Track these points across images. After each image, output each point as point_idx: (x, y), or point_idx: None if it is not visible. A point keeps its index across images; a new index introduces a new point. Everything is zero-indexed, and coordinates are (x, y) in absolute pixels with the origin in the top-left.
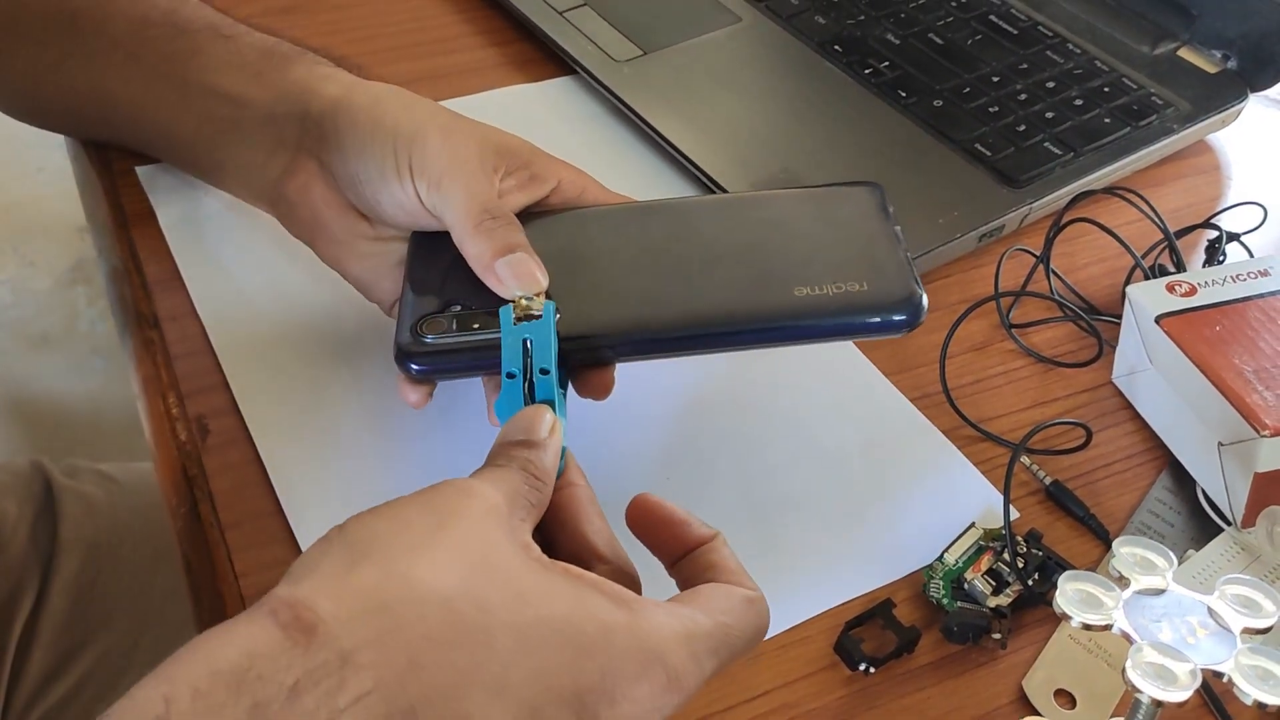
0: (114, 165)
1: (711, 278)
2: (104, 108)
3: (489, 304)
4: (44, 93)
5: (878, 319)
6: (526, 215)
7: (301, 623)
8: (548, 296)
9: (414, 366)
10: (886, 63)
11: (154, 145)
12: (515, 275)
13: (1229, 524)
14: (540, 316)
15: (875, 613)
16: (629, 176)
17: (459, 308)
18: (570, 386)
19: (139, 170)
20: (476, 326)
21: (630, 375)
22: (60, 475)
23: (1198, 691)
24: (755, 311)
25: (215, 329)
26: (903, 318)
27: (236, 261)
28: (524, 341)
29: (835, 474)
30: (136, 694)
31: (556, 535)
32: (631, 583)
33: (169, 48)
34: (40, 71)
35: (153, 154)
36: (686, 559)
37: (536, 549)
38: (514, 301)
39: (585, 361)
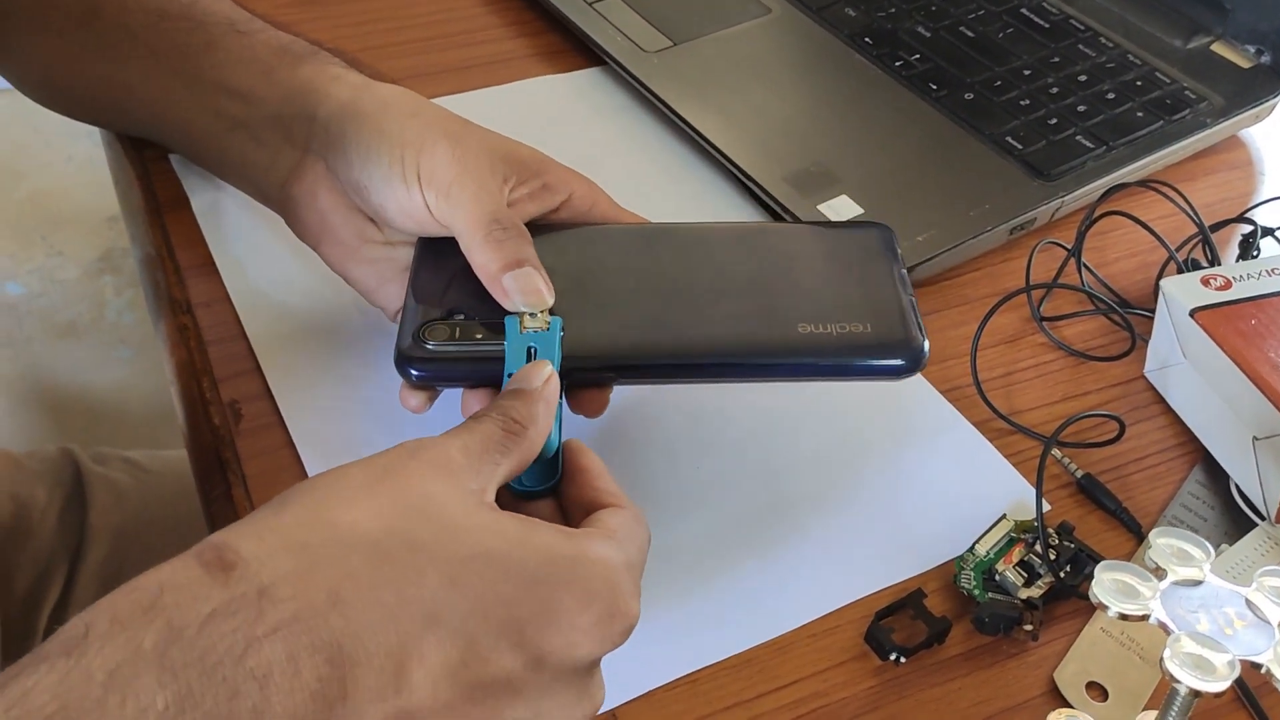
0: (147, 151)
1: (716, 308)
2: (122, 99)
3: (493, 315)
4: (66, 83)
5: (878, 362)
6: (537, 229)
7: (222, 561)
8: (552, 313)
9: (414, 372)
10: (917, 55)
11: (170, 139)
12: (521, 290)
13: (1263, 519)
14: (545, 330)
15: (906, 603)
16: (658, 168)
17: (462, 316)
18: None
19: (172, 156)
20: (479, 337)
21: None
22: (89, 462)
23: (1232, 684)
24: (757, 345)
25: (248, 314)
26: (902, 362)
27: (269, 247)
28: (529, 349)
29: (866, 465)
30: (64, 626)
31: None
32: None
33: (184, 41)
34: (62, 62)
35: (170, 148)
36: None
37: (490, 496)
38: (519, 316)
39: (583, 382)
